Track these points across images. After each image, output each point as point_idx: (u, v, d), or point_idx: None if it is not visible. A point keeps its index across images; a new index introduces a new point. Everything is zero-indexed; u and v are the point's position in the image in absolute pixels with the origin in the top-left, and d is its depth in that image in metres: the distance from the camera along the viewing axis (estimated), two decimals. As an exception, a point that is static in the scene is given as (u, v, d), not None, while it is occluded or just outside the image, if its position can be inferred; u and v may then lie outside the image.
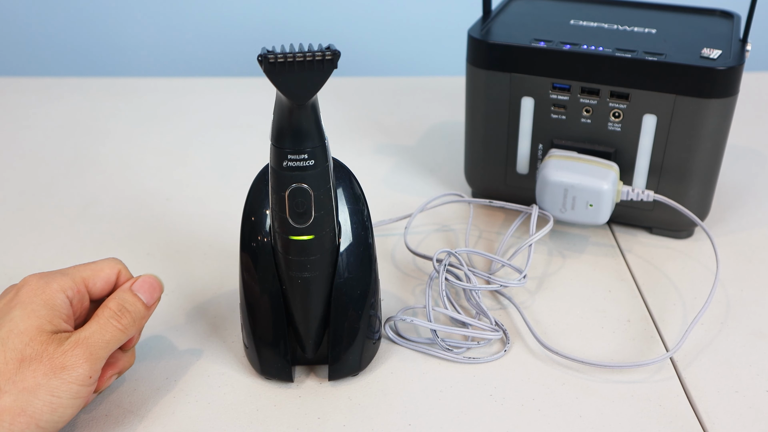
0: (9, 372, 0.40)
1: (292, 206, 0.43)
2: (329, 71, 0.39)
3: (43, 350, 0.41)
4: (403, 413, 0.48)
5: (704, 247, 0.65)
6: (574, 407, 0.49)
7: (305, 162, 0.41)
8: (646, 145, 0.61)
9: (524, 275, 0.56)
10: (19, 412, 0.39)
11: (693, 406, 0.49)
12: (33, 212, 0.71)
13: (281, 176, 0.42)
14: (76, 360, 0.42)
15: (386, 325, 0.55)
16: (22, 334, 0.42)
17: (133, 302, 0.46)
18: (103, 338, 0.43)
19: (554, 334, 0.55)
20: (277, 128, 0.41)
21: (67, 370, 0.41)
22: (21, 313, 0.43)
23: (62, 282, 0.45)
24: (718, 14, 0.68)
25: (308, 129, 0.41)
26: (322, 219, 0.44)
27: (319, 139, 0.42)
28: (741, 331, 0.55)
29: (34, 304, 0.43)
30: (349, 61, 1.33)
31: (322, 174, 0.42)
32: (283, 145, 0.41)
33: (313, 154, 0.41)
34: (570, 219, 0.61)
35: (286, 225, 0.44)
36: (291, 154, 0.41)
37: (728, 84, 0.57)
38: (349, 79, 1.02)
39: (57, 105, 0.93)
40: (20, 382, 0.40)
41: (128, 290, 0.46)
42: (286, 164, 0.42)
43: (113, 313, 0.45)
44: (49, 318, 0.43)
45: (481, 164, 0.69)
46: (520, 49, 0.61)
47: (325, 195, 0.43)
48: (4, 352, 0.41)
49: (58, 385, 0.41)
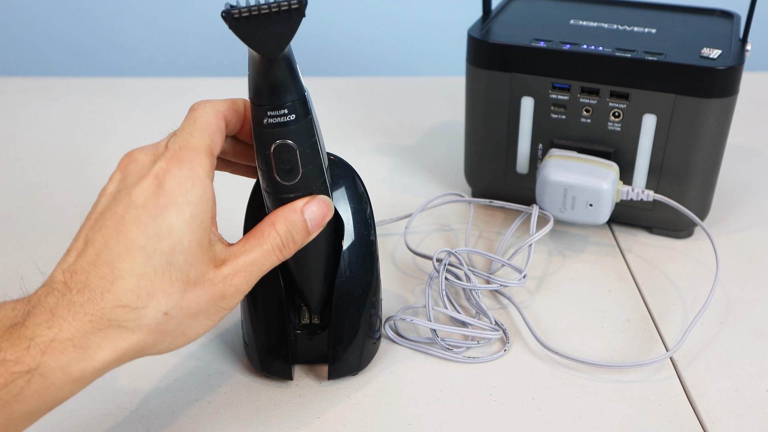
0: (175, 295, 0.36)
1: (278, 164, 0.41)
2: (297, 21, 0.37)
3: (205, 273, 0.37)
4: (402, 413, 0.48)
5: (704, 247, 0.65)
6: (574, 407, 0.49)
7: (286, 117, 0.40)
8: (646, 144, 0.61)
9: (524, 275, 0.56)
10: (180, 333, 0.37)
11: (693, 406, 0.49)
12: (33, 212, 0.71)
13: (263, 134, 0.40)
14: (236, 290, 0.38)
15: (386, 324, 0.55)
16: (186, 252, 0.36)
17: (302, 230, 0.41)
18: (263, 267, 0.40)
19: (554, 333, 0.55)
20: (253, 85, 0.40)
21: (226, 299, 0.38)
22: (180, 221, 0.36)
23: (205, 164, 0.38)
24: (718, 14, 0.68)
25: (285, 83, 0.39)
26: (311, 174, 0.42)
27: (297, 91, 0.40)
28: (741, 331, 0.55)
29: (192, 207, 0.37)
30: (349, 61, 1.34)
31: (305, 127, 0.41)
32: (261, 102, 0.39)
33: (294, 108, 0.40)
34: (570, 219, 0.61)
35: (274, 184, 0.42)
36: (270, 110, 0.39)
37: (728, 84, 0.57)
38: (349, 79, 1.02)
39: (57, 105, 0.93)
40: (186, 308, 0.37)
41: (300, 212, 0.41)
42: (266, 121, 0.40)
43: (280, 242, 0.40)
44: (206, 225, 0.38)
45: (481, 164, 0.69)
46: (520, 48, 0.61)
47: (310, 149, 0.41)
48: (170, 272, 0.36)
49: (215, 312, 0.38)
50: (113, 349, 0.35)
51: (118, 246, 0.36)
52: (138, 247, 0.35)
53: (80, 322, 0.34)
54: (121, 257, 0.35)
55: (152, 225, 0.36)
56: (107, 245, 0.36)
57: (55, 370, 0.33)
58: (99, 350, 0.34)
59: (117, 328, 0.35)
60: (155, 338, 0.36)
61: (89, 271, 0.35)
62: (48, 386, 0.33)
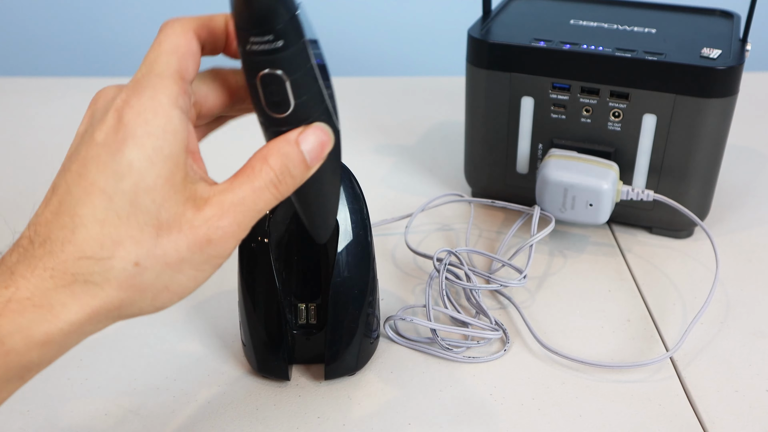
0: (147, 242, 0.32)
1: (266, 95, 0.35)
2: None
3: (181, 215, 0.32)
4: (402, 412, 0.48)
5: (704, 247, 0.65)
6: (574, 407, 0.49)
7: (271, 44, 0.33)
8: (645, 144, 0.61)
9: (524, 275, 0.56)
10: (162, 288, 0.33)
11: (693, 406, 0.49)
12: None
13: (247, 61, 0.35)
14: (224, 234, 0.33)
15: (386, 324, 0.55)
16: (151, 190, 0.32)
17: (299, 163, 0.36)
18: (256, 207, 0.34)
19: (554, 333, 0.55)
20: (233, 3, 0.33)
21: (214, 245, 0.33)
22: (139, 155, 0.32)
23: (168, 91, 0.33)
24: (718, 14, 0.68)
25: (270, 2, 0.33)
26: (306, 105, 0.36)
27: (286, 11, 0.33)
28: (741, 331, 0.55)
29: (153, 139, 0.32)
30: (349, 61, 1.34)
31: (297, 54, 0.34)
32: (242, 25, 0.33)
33: (283, 33, 0.33)
34: (570, 218, 0.61)
35: (265, 115, 0.37)
36: (253, 36, 0.33)
37: (728, 84, 0.57)
38: (349, 79, 1.02)
39: (57, 105, 0.93)
40: (162, 257, 0.32)
41: (294, 143, 0.36)
42: (249, 48, 0.34)
43: (274, 176, 0.35)
44: (176, 159, 0.33)
45: (481, 164, 0.69)
46: (520, 48, 0.61)
47: (305, 77, 0.35)
48: (135, 216, 0.31)
49: (203, 261, 0.33)
50: (81, 308, 0.31)
51: (79, 190, 0.32)
52: (98, 190, 0.31)
53: (39, 278, 0.31)
54: (81, 202, 0.32)
55: (111, 163, 0.32)
56: (69, 191, 0.32)
57: (12, 334, 0.30)
58: (64, 309, 0.31)
59: (83, 284, 0.31)
60: (130, 294, 0.32)
61: (51, 221, 0.32)
62: (7, 352, 0.30)
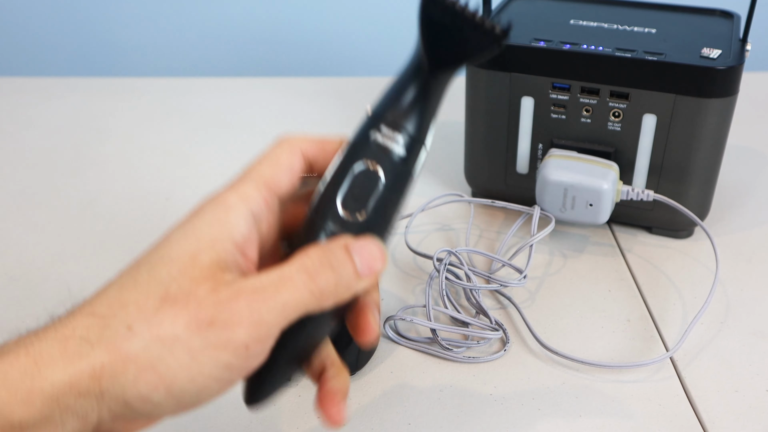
0: (148, 310, 0.29)
1: (350, 187, 0.33)
2: (490, 46, 0.32)
3: (191, 290, 0.29)
4: (402, 412, 0.48)
5: (704, 247, 0.65)
6: (574, 407, 0.49)
7: (395, 144, 0.33)
8: (645, 144, 0.61)
9: (524, 275, 0.56)
10: (148, 365, 0.28)
11: (693, 406, 0.49)
12: (33, 212, 0.71)
13: (359, 147, 0.33)
14: (232, 316, 0.29)
15: (386, 324, 0.55)
16: (171, 262, 0.30)
17: (343, 261, 0.31)
18: (280, 297, 0.30)
19: (554, 333, 0.55)
20: (385, 93, 0.33)
21: (216, 327, 0.29)
22: (179, 235, 0.31)
23: (242, 190, 0.32)
24: (718, 14, 0.68)
25: (422, 111, 0.33)
26: (372, 225, 0.33)
27: (421, 133, 0.33)
28: (741, 331, 0.55)
29: (199, 221, 0.31)
30: (349, 61, 1.34)
31: (402, 175, 0.33)
32: (381, 112, 0.33)
33: (409, 146, 0.33)
34: (570, 219, 0.61)
35: (329, 209, 0.33)
36: (386, 125, 0.33)
37: (728, 84, 0.57)
38: (349, 79, 1.02)
39: (57, 105, 0.93)
40: (156, 326, 0.29)
41: (342, 245, 0.32)
42: (372, 135, 0.33)
43: (310, 265, 0.31)
44: (212, 242, 0.30)
45: (481, 164, 0.69)
46: (520, 48, 0.61)
47: (389, 201, 0.33)
48: (149, 283, 0.30)
49: (201, 347, 0.29)
50: (66, 367, 0.28)
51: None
52: (137, 259, 0.32)
53: (50, 332, 0.30)
54: (122, 272, 0.32)
55: (161, 240, 0.32)
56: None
57: (2, 381, 0.28)
58: (51, 365, 0.28)
59: (78, 340, 0.29)
60: (115, 360, 0.28)
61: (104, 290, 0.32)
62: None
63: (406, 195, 0.34)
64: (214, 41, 1.29)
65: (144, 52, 1.31)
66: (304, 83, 0.99)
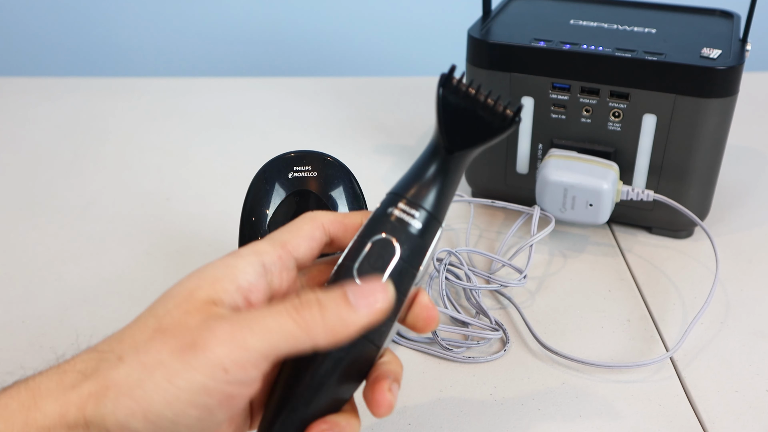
0: (140, 341, 0.30)
1: (368, 255, 0.34)
2: (504, 128, 0.34)
3: (182, 321, 0.30)
4: (402, 413, 0.48)
5: (704, 247, 0.65)
6: (574, 407, 0.49)
7: (412, 219, 0.34)
8: (646, 144, 0.61)
9: (524, 275, 0.56)
10: (126, 391, 0.28)
11: (693, 406, 0.49)
12: (33, 212, 0.71)
13: (380, 221, 0.35)
14: (210, 338, 0.29)
15: (386, 324, 0.55)
16: (171, 298, 0.31)
17: (332, 295, 0.31)
18: (264, 324, 0.30)
19: (554, 334, 0.55)
20: (405, 175, 0.35)
21: (195, 350, 0.28)
22: (185, 277, 0.32)
23: (255, 246, 0.34)
24: (718, 14, 0.68)
25: (439, 191, 0.35)
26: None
27: (438, 212, 0.35)
28: (741, 331, 0.55)
29: (208, 265, 0.33)
30: (349, 61, 1.34)
31: (417, 249, 0.34)
32: (402, 192, 0.35)
33: (426, 222, 0.34)
34: (570, 219, 0.61)
35: (346, 271, 0.34)
36: (406, 204, 0.34)
37: (728, 84, 0.57)
38: (349, 79, 1.02)
39: (57, 105, 0.93)
40: (143, 354, 0.29)
41: (341, 290, 0.32)
42: (392, 211, 0.34)
43: (297, 301, 0.31)
44: (213, 279, 0.31)
45: (481, 164, 0.69)
46: (520, 48, 0.61)
47: (404, 273, 0.34)
48: (146, 318, 0.31)
49: (180, 370, 0.28)
50: (58, 398, 0.29)
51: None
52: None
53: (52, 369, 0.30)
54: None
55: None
56: None
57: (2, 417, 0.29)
58: (47, 397, 0.29)
59: (74, 374, 0.30)
60: (99, 387, 0.29)
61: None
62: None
63: (420, 268, 0.35)
64: (214, 41, 1.29)
65: (144, 52, 1.31)
66: (304, 83, 0.99)
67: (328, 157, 0.50)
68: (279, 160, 0.50)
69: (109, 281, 0.61)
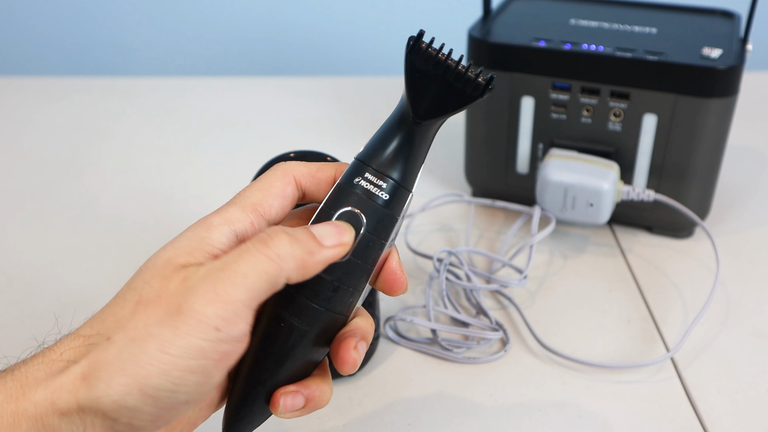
0: (124, 317, 0.30)
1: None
2: (474, 95, 0.33)
3: (163, 288, 0.30)
4: (402, 413, 0.48)
5: (704, 247, 0.65)
6: (574, 407, 0.49)
7: (379, 191, 0.33)
8: (646, 144, 0.61)
9: (525, 275, 0.56)
10: (119, 369, 0.28)
11: (693, 406, 0.49)
12: (33, 212, 0.71)
13: (342, 192, 0.34)
14: (197, 300, 0.29)
15: (386, 324, 0.54)
16: (147, 270, 0.31)
17: (299, 230, 0.32)
18: (239, 268, 0.29)
19: (554, 333, 0.55)
20: (372, 141, 0.34)
21: (183, 314, 0.28)
22: (162, 248, 0.32)
23: (227, 213, 0.33)
24: (718, 14, 0.68)
25: (406, 159, 0.33)
26: (352, 269, 0.34)
27: (406, 180, 0.34)
28: (741, 331, 0.55)
29: (180, 237, 0.32)
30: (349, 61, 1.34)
31: (384, 220, 0.34)
32: (367, 161, 0.34)
33: (392, 192, 0.34)
34: (570, 219, 0.61)
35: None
36: (372, 173, 0.33)
37: (728, 84, 0.57)
38: (349, 79, 1.02)
39: (57, 105, 0.93)
40: (131, 330, 0.29)
41: (306, 226, 0.33)
42: (357, 181, 0.34)
43: (264, 234, 0.31)
44: (189, 249, 0.31)
45: (481, 164, 0.69)
46: (521, 48, 0.61)
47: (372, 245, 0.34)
48: (124, 293, 0.31)
49: (171, 337, 0.28)
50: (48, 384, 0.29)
51: None
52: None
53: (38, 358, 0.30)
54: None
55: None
56: None
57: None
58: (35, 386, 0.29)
59: (61, 362, 0.30)
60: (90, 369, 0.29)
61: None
62: None
63: (389, 237, 0.34)
64: (214, 41, 1.29)
65: (144, 52, 1.31)
66: (304, 83, 0.99)
67: (328, 157, 0.50)
68: (279, 160, 0.50)
69: (109, 281, 0.61)
